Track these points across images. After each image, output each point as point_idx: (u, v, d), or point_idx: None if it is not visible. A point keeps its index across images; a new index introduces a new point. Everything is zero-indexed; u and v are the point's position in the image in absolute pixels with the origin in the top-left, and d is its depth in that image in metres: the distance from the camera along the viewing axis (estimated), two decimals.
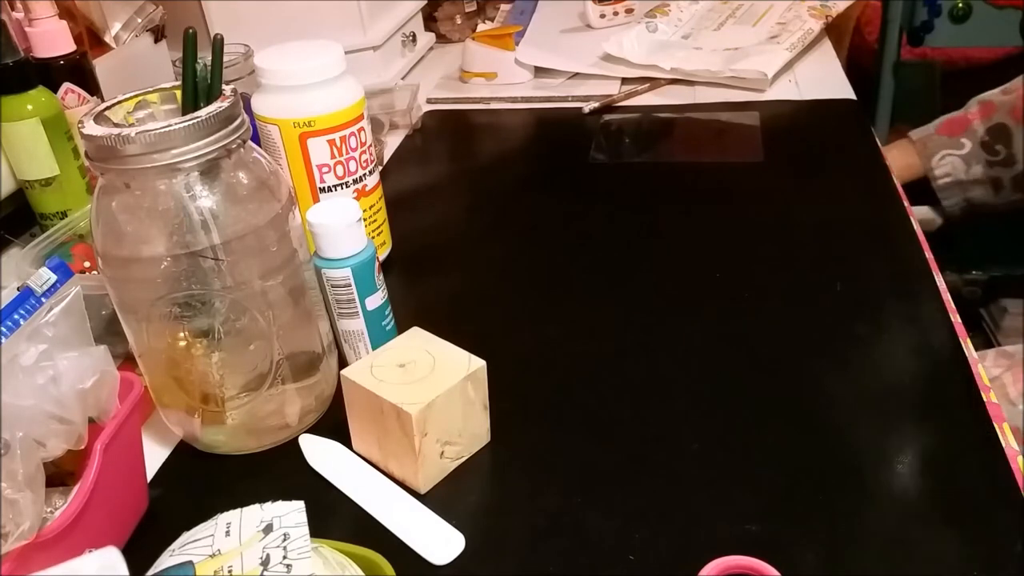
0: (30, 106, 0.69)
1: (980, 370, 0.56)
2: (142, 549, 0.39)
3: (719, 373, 0.58)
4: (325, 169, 0.65)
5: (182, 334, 0.50)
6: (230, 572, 0.32)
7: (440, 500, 0.50)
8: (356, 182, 0.67)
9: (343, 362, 0.59)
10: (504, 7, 1.33)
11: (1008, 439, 0.50)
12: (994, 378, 0.85)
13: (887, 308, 0.62)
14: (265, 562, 0.33)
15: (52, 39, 0.73)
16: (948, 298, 0.64)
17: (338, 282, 0.56)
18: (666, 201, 0.81)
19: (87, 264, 0.63)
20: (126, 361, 0.55)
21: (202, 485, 0.53)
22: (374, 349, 0.57)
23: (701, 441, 0.52)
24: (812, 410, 0.54)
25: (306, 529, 0.34)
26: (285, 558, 0.33)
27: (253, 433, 0.54)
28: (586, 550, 0.46)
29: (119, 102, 0.50)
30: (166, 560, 0.34)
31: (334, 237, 0.56)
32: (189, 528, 0.36)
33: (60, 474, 0.47)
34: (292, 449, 0.54)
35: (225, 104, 0.47)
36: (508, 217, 0.82)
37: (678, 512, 0.47)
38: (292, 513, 0.35)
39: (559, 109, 1.04)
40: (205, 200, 0.47)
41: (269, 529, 0.34)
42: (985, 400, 0.53)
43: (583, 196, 0.84)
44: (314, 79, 0.63)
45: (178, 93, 0.51)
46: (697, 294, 0.66)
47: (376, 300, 0.58)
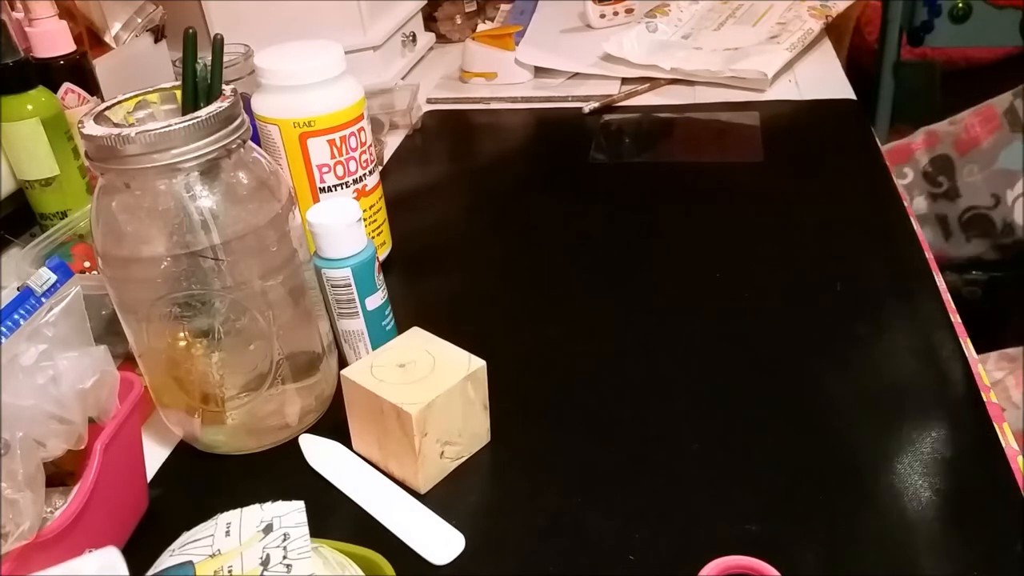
0: (30, 106, 0.69)
1: (980, 370, 0.56)
2: (142, 549, 0.39)
3: (719, 373, 0.58)
4: (325, 169, 0.65)
5: (182, 334, 0.50)
6: (230, 572, 0.32)
7: (440, 500, 0.50)
8: (356, 182, 0.67)
9: (343, 362, 0.59)
10: (504, 7, 1.33)
11: (1008, 439, 0.50)
12: (996, 381, 0.85)
13: (887, 308, 0.62)
14: (265, 562, 0.33)
15: (52, 39, 0.73)
16: (948, 298, 0.64)
17: (338, 282, 0.56)
18: (666, 201, 0.81)
19: (87, 264, 0.63)
20: (126, 361, 0.55)
21: (202, 485, 0.53)
22: (374, 349, 0.57)
23: (701, 441, 0.52)
24: (812, 410, 0.54)
25: (306, 529, 0.34)
26: (285, 558, 0.33)
27: (253, 433, 0.54)
28: (586, 550, 0.46)
29: (119, 102, 0.50)
30: (166, 560, 0.34)
31: (334, 237, 0.56)
32: (189, 528, 0.36)
33: (60, 474, 0.47)
34: (292, 449, 0.54)
35: (225, 104, 0.47)
36: (508, 217, 0.82)
37: (678, 512, 0.47)
38: (292, 513, 0.35)
39: (559, 109, 1.04)
40: (205, 200, 0.47)
41: (269, 529, 0.34)
42: (985, 400, 0.53)
43: (583, 196, 0.84)
44: (314, 79, 0.63)
45: (178, 93, 0.51)
46: (697, 294, 0.66)
47: (376, 300, 0.58)
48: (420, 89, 1.05)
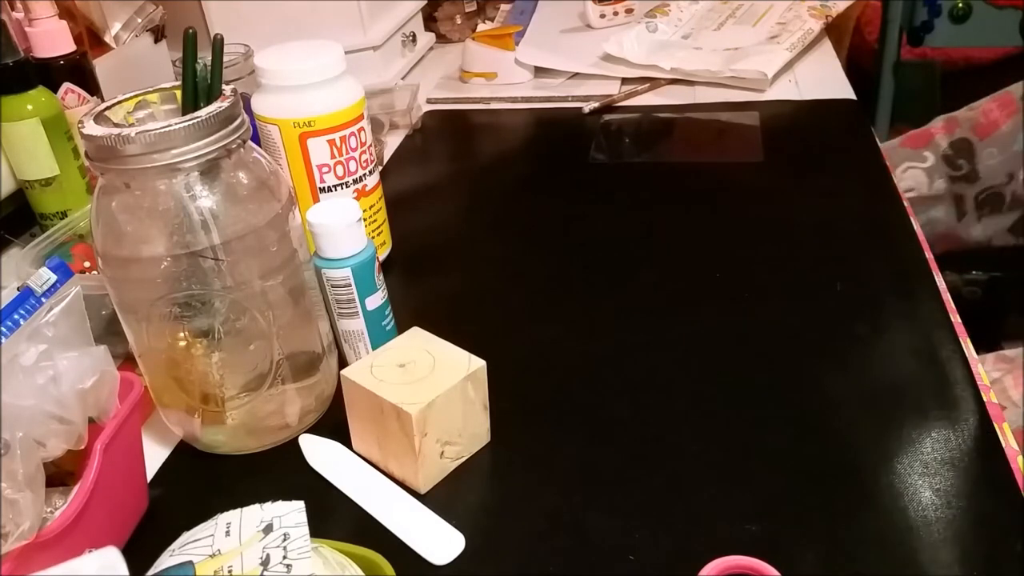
0: (30, 106, 0.69)
1: (980, 370, 0.56)
2: (142, 549, 0.39)
3: (719, 373, 0.58)
4: (325, 169, 0.65)
5: (182, 334, 0.50)
6: (230, 572, 0.32)
7: (440, 500, 0.50)
8: (356, 182, 0.67)
9: (343, 362, 0.59)
10: (504, 7, 1.33)
11: (1008, 439, 0.50)
12: (994, 380, 0.85)
13: (887, 308, 0.62)
14: (265, 562, 0.33)
15: (52, 39, 0.73)
16: (948, 298, 0.64)
17: (338, 282, 0.56)
18: (666, 201, 0.81)
19: (87, 264, 0.63)
20: (126, 361, 0.55)
21: (202, 485, 0.53)
22: (374, 349, 0.57)
23: (701, 441, 0.52)
24: (812, 410, 0.54)
25: (306, 529, 0.34)
26: (285, 558, 0.33)
27: (253, 433, 0.54)
28: (586, 550, 0.46)
29: (119, 102, 0.50)
30: (166, 560, 0.34)
31: (334, 237, 0.56)
32: (189, 528, 0.36)
33: (60, 474, 0.47)
34: (292, 449, 0.54)
35: (225, 104, 0.47)
36: (508, 217, 0.82)
37: (678, 512, 0.47)
38: (292, 513, 0.35)
39: (559, 109, 1.04)
40: (205, 200, 0.47)
41: (269, 529, 0.34)
42: (985, 400, 0.53)
43: (583, 196, 0.84)
44: (314, 79, 0.63)
45: (178, 93, 0.51)
46: (697, 294, 0.66)
47: (376, 300, 0.58)
48: (420, 89, 1.05)
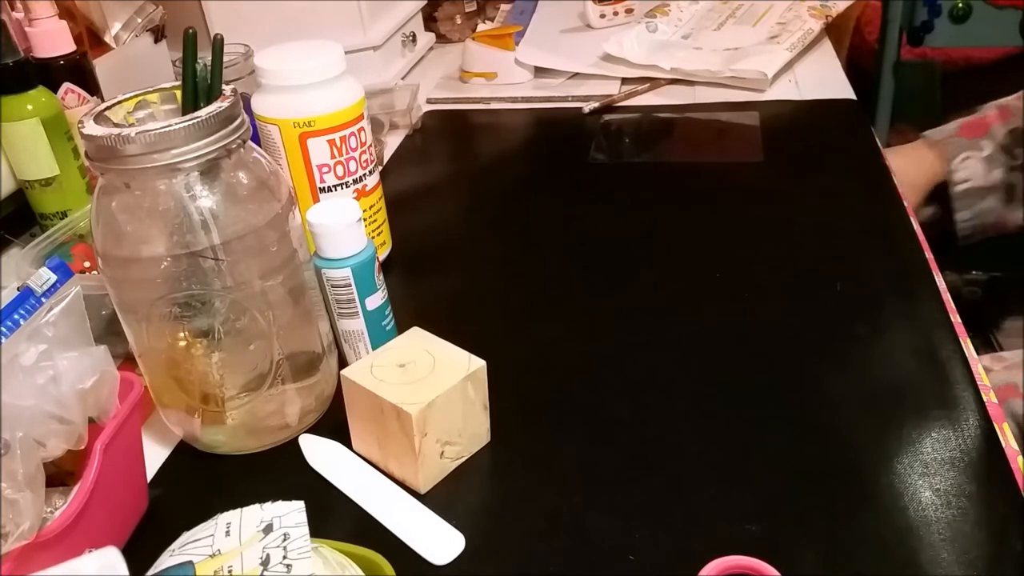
0: (30, 106, 0.69)
1: (980, 370, 0.56)
2: (142, 549, 0.39)
3: (719, 373, 0.58)
4: (325, 169, 0.65)
5: (182, 334, 0.50)
6: (230, 572, 0.32)
7: (440, 500, 0.50)
8: (356, 182, 0.67)
9: (343, 362, 0.59)
10: (504, 7, 1.33)
11: (1008, 439, 0.50)
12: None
13: (887, 308, 0.62)
14: (265, 562, 0.33)
15: (52, 39, 0.73)
16: (948, 298, 0.64)
17: (338, 282, 0.56)
18: (666, 201, 0.81)
19: (87, 264, 0.63)
20: (126, 361, 0.55)
21: (202, 485, 0.53)
22: (374, 349, 0.57)
23: (701, 441, 0.52)
24: (812, 410, 0.54)
25: (306, 529, 0.34)
26: (285, 558, 0.33)
27: (253, 433, 0.54)
28: (586, 550, 0.46)
29: (119, 102, 0.50)
30: (166, 560, 0.34)
31: (334, 237, 0.56)
32: (189, 528, 0.36)
33: (60, 474, 0.47)
34: (292, 449, 0.54)
35: (225, 104, 0.47)
36: (508, 217, 0.82)
37: (678, 512, 0.47)
38: (292, 513, 0.35)
39: (559, 109, 1.04)
40: (205, 200, 0.47)
41: (269, 529, 0.34)
42: (985, 400, 0.53)
43: (583, 196, 0.84)
44: (314, 79, 0.63)
45: (178, 93, 0.51)
46: (697, 294, 0.66)
47: (376, 300, 0.58)
48: (420, 89, 1.05)
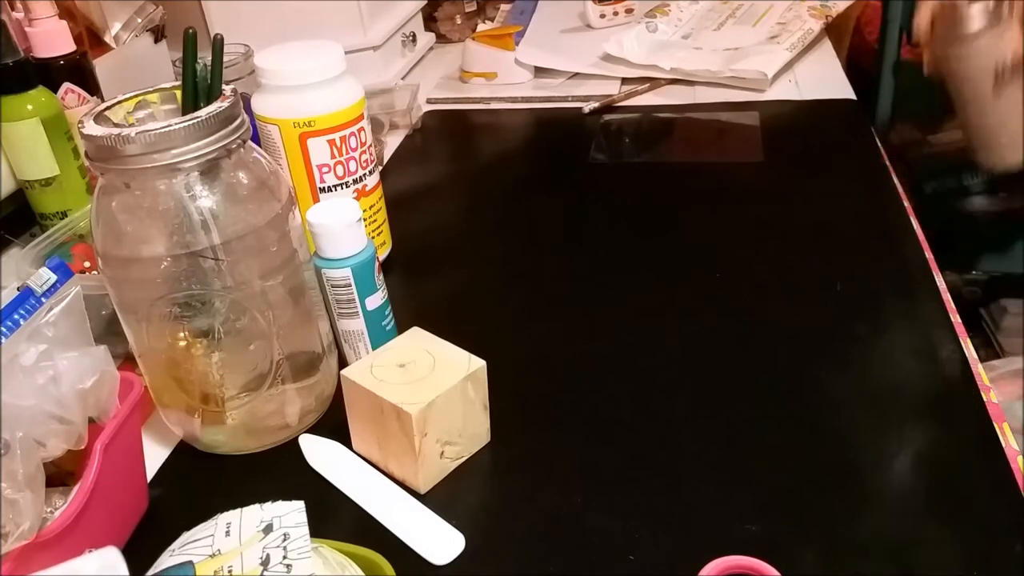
0: (30, 106, 0.69)
1: (980, 370, 0.56)
2: (142, 549, 0.39)
3: (719, 373, 0.58)
4: (325, 169, 0.65)
5: (182, 334, 0.50)
6: (230, 572, 0.32)
7: (440, 500, 0.50)
8: (356, 182, 0.67)
9: (343, 362, 0.59)
10: (504, 7, 1.33)
11: (1008, 439, 0.50)
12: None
13: (887, 308, 0.62)
14: (265, 562, 0.33)
15: (52, 39, 0.73)
16: (948, 298, 0.64)
17: (338, 282, 0.56)
18: (666, 201, 0.81)
19: (87, 264, 0.63)
20: (126, 361, 0.55)
21: (202, 485, 0.53)
22: (374, 349, 0.57)
23: (701, 441, 0.52)
24: (812, 410, 0.54)
25: (306, 529, 0.34)
26: (285, 558, 0.33)
27: (253, 433, 0.54)
28: (586, 550, 0.46)
29: (119, 102, 0.50)
30: (166, 560, 0.34)
31: (334, 237, 0.56)
32: (189, 528, 0.36)
33: (60, 474, 0.47)
34: (292, 449, 0.54)
35: (225, 104, 0.47)
36: (508, 217, 0.82)
37: (678, 512, 0.47)
38: (292, 513, 0.35)
39: (559, 109, 1.04)
40: (205, 200, 0.47)
41: (269, 529, 0.34)
42: (985, 400, 0.53)
43: (583, 196, 0.84)
44: (314, 79, 0.63)
45: (178, 93, 0.51)
46: (697, 294, 0.66)
47: (376, 300, 0.58)
48: (420, 89, 1.05)
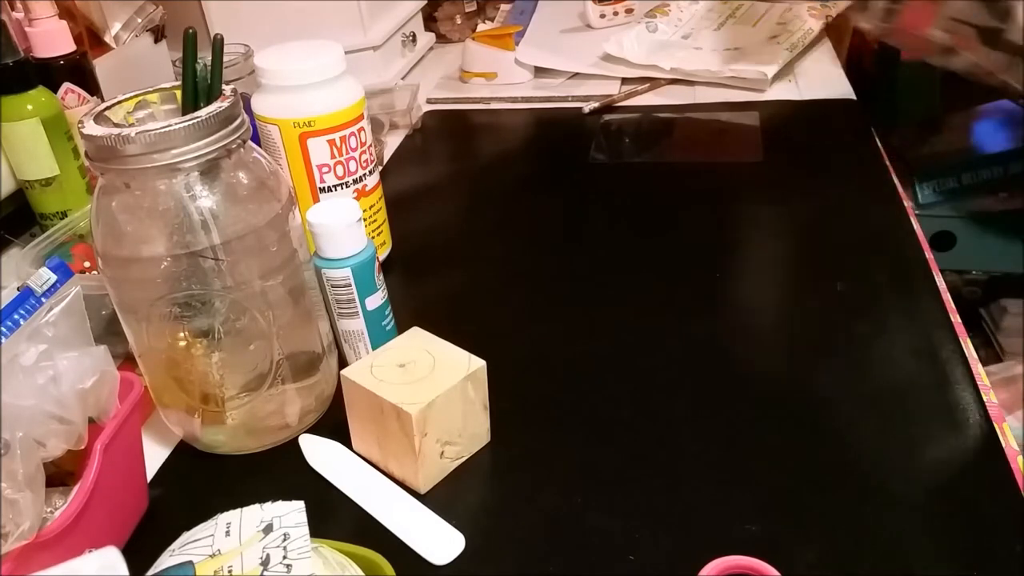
0: (30, 106, 0.69)
1: (980, 370, 0.56)
2: (142, 549, 0.39)
3: (719, 373, 0.58)
4: (325, 169, 0.65)
5: (182, 334, 0.50)
6: (230, 572, 0.32)
7: (440, 500, 0.50)
8: (356, 182, 0.67)
9: (343, 362, 0.59)
10: (504, 7, 1.33)
11: (1008, 439, 0.50)
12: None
13: (887, 308, 0.62)
14: (265, 562, 0.33)
15: (52, 39, 0.73)
16: (948, 298, 0.64)
17: (338, 282, 0.56)
18: (666, 201, 0.81)
19: (87, 264, 0.63)
20: (126, 361, 0.55)
21: (202, 485, 0.53)
22: (374, 349, 0.57)
23: (701, 441, 0.52)
24: (812, 410, 0.54)
25: (306, 529, 0.34)
26: (285, 558, 0.33)
27: (253, 433, 0.54)
28: (586, 550, 0.46)
29: (119, 102, 0.50)
30: (166, 560, 0.34)
31: (334, 237, 0.56)
32: (189, 528, 0.36)
33: (60, 474, 0.47)
34: (292, 449, 0.54)
35: (225, 104, 0.47)
36: (508, 217, 0.82)
37: (678, 512, 0.47)
38: (292, 513, 0.35)
39: (559, 109, 1.04)
40: (205, 200, 0.47)
41: (269, 529, 0.34)
42: (985, 400, 0.53)
43: (583, 196, 0.84)
44: (314, 79, 0.63)
45: (178, 93, 0.51)
46: (697, 294, 0.66)
47: (376, 300, 0.58)
48: (420, 89, 1.05)
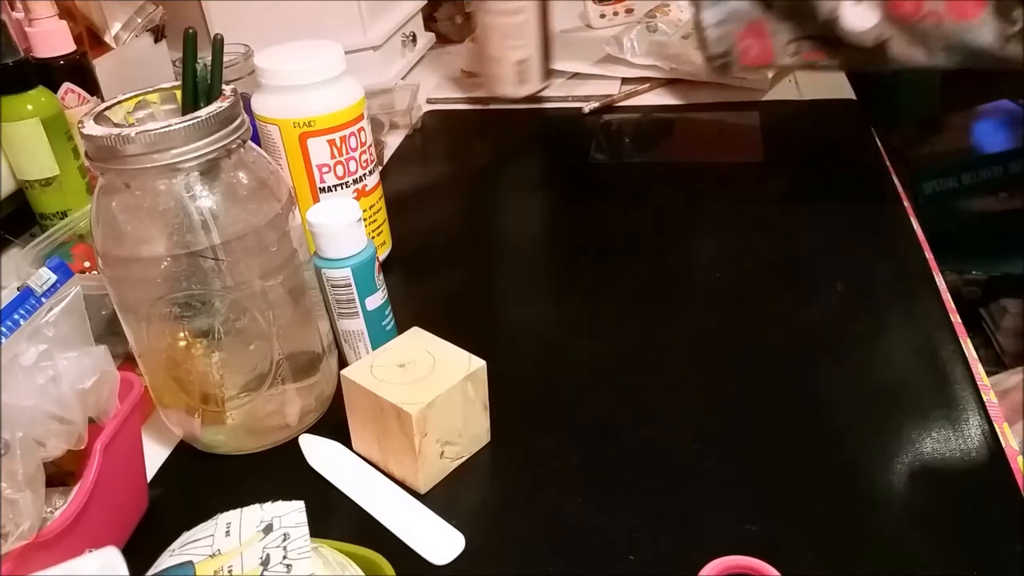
0: (30, 106, 0.69)
1: (980, 370, 0.56)
2: (142, 549, 0.39)
3: (719, 373, 0.58)
4: (325, 169, 0.65)
5: (182, 334, 0.50)
6: (230, 572, 0.32)
7: (440, 500, 0.50)
8: (356, 182, 0.67)
9: (343, 362, 0.59)
10: None
11: (1008, 439, 0.50)
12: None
13: (887, 308, 0.62)
14: (265, 562, 0.33)
15: (52, 39, 0.73)
16: (948, 298, 0.64)
17: (338, 282, 0.56)
18: (666, 201, 0.81)
19: (87, 264, 0.63)
20: (126, 361, 0.55)
21: (202, 485, 0.53)
22: (374, 349, 0.57)
23: (701, 441, 0.52)
24: (812, 410, 0.54)
25: (306, 529, 0.34)
26: (285, 558, 0.33)
27: (253, 433, 0.54)
28: (586, 550, 0.46)
29: (119, 102, 0.50)
30: (166, 560, 0.34)
31: (334, 237, 0.56)
32: (189, 528, 0.36)
33: (60, 474, 0.47)
34: (292, 449, 0.54)
35: (225, 104, 0.47)
36: (508, 217, 0.82)
37: (678, 512, 0.47)
38: (292, 513, 0.35)
39: (559, 109, 1.04)
40: (205, 200, 0.47)
41: (269, 529, 0.34)
42: (985, 400, 0.53)
43: (583, 196, 0.84)
44: (314, 79, 0.63)
45: (178, 93, 0.51)
46: (697, 294, 0.66)
47: (376, 300, 0.58)
48: (420, 89, 1.05)
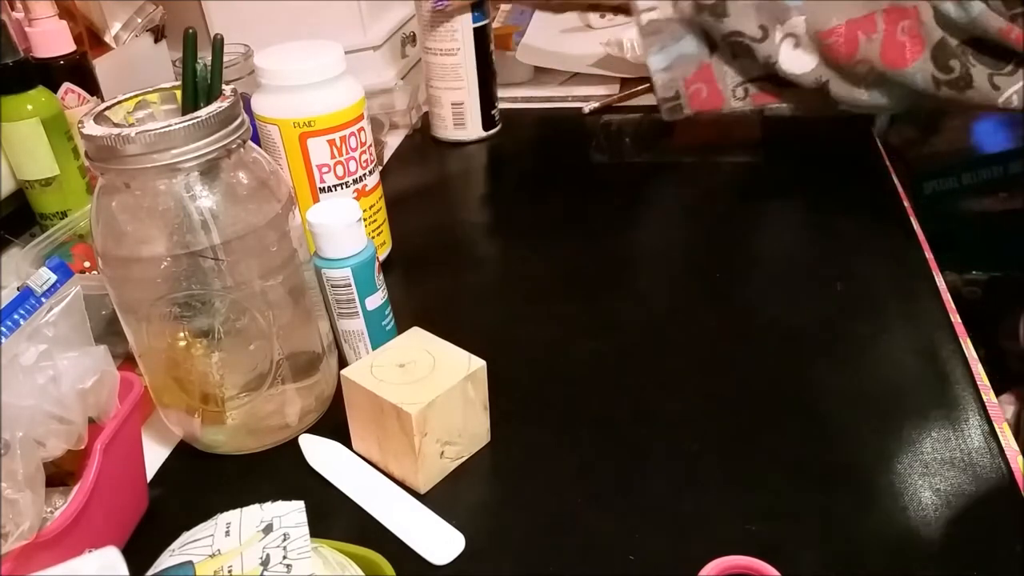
0: (30, 106, 0.69)
1: (980, 370, 0.56)
2: (142, 549, 0.39)
3: (719, 373, 0.58)
4: (325, 169, 0.65)
5: (182, 334, 0.50)
6: (230, 572, 0.32)
7: (440, 500, 0.50)
8: (356, 182, 0.67)
9: (343, 362, 0.59)
10: (504, 7, 1.32)
11: (1008, 439, 0.50)
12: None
13: (887, 308, 0.62)
14: (265, 562, 0.33)
15: (52, 39, 0.73)
16: (948, 298, 0.64)
17: (338, 282, 0.56)
18: (666, 201, 0.81)
19: (87, 264, 0.63)
20: (126, 361, 0.55)
21: (202, 485, 0.53)
22: (374, 349, 0.57)
23: (701, 441, 0.52)
24: (812, 410, 0.54)
25: (306, 529, 0.34)
26: (285, 558, 0.33)
27: (253, 433, 0.54)
28: (586, 550, 0.46)
29: (119, 102, 0.50)
30: (166, 560, 0.34)
31: (334, 237, 0.56)
32: (189, 528, 0.36)
33: (60, 474, 0.47)
34: (292, 449, 0.54)
35: (225, 104, 0.47)
36: (508, 217, 0.82)
37: (678, 512, 0.47)
38: (292, 513, 0.35)
39: (559, 109, 1.04)
40: (205, 200, 0.47)
41: (269, 529, 0.34)
42: (985, 400, 0.53)
43: (583, 196, 0.84)
44: (314, 79, 0.63)
45: (178, 93, 0.51)
46: (697, 294, 0.66)
47: (376, 300, 0.58)
48: (420, 89, 1.05)
